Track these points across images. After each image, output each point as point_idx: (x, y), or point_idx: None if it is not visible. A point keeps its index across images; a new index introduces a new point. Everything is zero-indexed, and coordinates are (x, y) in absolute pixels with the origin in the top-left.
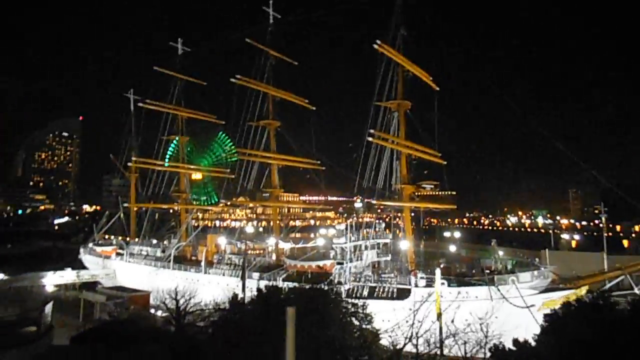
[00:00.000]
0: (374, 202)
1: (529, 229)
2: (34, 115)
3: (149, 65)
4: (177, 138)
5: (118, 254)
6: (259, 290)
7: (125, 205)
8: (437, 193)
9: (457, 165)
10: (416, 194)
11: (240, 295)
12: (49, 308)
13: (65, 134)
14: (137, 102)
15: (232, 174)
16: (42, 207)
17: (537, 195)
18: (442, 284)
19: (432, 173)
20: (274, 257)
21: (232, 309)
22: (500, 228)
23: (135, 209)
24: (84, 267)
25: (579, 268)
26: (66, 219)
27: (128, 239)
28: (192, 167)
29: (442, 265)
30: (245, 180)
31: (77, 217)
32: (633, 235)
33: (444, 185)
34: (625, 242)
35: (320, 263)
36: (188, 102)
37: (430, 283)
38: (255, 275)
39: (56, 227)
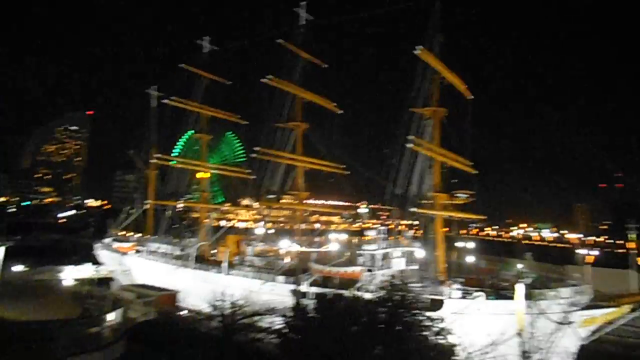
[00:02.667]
0: (413, 209)
1: (536, 242)
2: (46, 109)
3: (171, 62)
4: (187, 134)
5: (137, 251)
6: (319, 296)
7: (148, 202)
8: (467, 202)
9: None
10: (449, 202)
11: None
12: (118, 313)
13: (74, 127)
14: (160, 99)
15: (251, 174)
16: (47, 200)
17: (540, 208)
18: (479, 296)
19: (461, 182)
20: (287, 260)
21: (298, 318)
22: (508, 240)
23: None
24: (98, 263)
25: (608, 285)
26: (71, 212)
27: (146, 236)
28: (216, 166)
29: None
30: (269, 181)
31: (83, 211)
32: None
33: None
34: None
35: (349, 269)
36: (211, 101)
37: (465, 295)
38: (280, 279)
39: (60, 221)
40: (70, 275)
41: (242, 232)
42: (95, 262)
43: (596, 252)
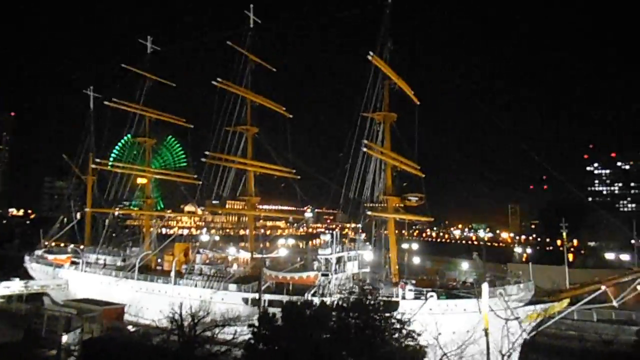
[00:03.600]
0: (369, 213)
1: (475, 242)
2: None
3: (111, 62)
4: (124, 138)
5: (73, 263)
6: (287, 305)
7: (87, 209)
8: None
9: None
10: (399, 205)
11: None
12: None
13: None
14: (98, 100)
15: (199, 180)
16: None
17: (475, 209)
18: (431, 296)
19: (410, 185)
20: (234, 267)
21: (263, 327)
22: (447, 240)
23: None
24: (29, 277)
25: (543, 281)
26: None
27: (81, 247)
28: (161, 171)
29: (422, 278)
30: (220, 186)
31: (3, 222)
32: (572, 249)
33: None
34: (571, 256)
35: (304, 275)
36: (155, 103)
37: (419, 296)
38: (233, 287)
39: None
40: None
41: (187, 240)
42: (25, 277)
43: (529, 250)
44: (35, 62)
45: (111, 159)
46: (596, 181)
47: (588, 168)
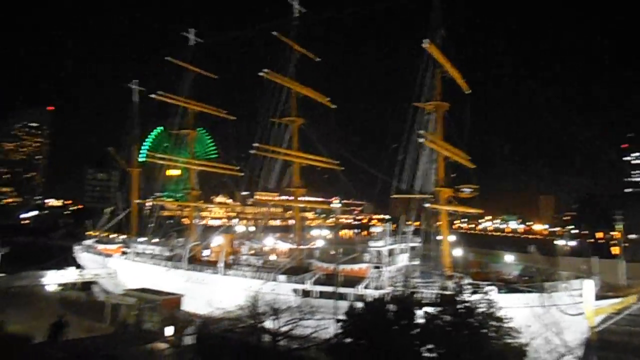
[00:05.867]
0: (426, 205)
1: (509, 234)
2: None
3: (151, 56)
4: (156, 131)
5: (123, 253)
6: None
7: (139, 201)
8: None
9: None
10: (452, 196)
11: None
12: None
13: (34, 124)
14: (142, 93)
15: (241, 171)
16: (6, 201)
17: (505, 200)
18: (492, 290)
19: (459, 176)
20: (272, 257)
21: (352, 322)
22: (479, 232)
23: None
24: (79, 266)
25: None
26: (34, 213)
27: (129, 237)
28: (208, 163)
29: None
30: (265, 178)
31: (45, 212)
32: (613, 242)
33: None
34: (616, 249)
35: (356, 267)
36: (198, 95)
37: (476, 290)
38: (282, 278)
39: (23, 222)
40: (53, 280)
41: (223, 231)
42: (75, 265)
43: (573, 243)
44: (77, 56)
45: (143, 151)
46: (636, 171)
47: (626, 158)
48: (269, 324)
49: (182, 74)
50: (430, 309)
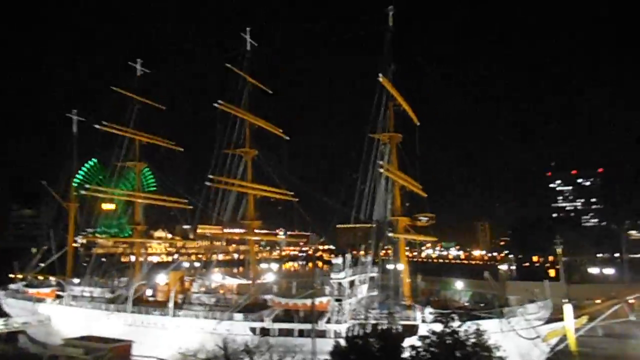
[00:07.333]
0: (390, 234)
1: (449, 261)
2: None
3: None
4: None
5: (58, 297)
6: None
7: (79, 238)
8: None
9: None
10: (409, 225)
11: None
12: None
13: None
14: (83, 123)
15: (189, 205)
16: None
17: (442, 227)
18: (452, 318)
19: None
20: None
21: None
22: (423, 260)
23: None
24: (4, 314)
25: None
26: None
27: (64, 279)
28: (155, 196)
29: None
30: (218, 210)
31: None
32: (547, 265)
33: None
34: (552, 272)
35: (316, 300)
36: (145, 126)
37: (439, 318)
38: (238, 316)
39: None
40: None
41: (163, 267)
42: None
43: (513, 267)
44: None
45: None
46: (559, 197)
47: (551, 185)
48: None
49: (128, 105)
50: (417, 342)
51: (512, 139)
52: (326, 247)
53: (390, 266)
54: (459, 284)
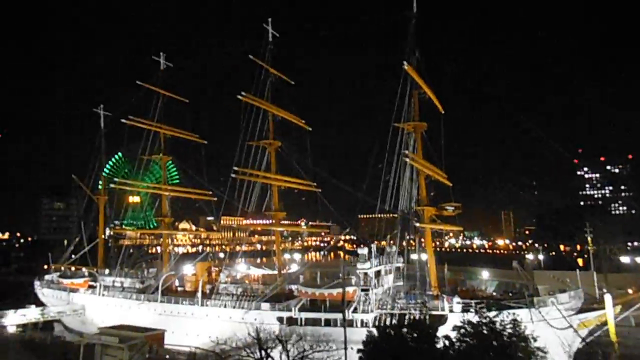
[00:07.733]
0: (417, 224)
1: (473, 250)
2: None
3: (121, 80)
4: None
5: (90, 287)
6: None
7: (110, 230)
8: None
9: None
10: (434, 215)
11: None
12: None
13: None
14: (108, 118)
15: (214, 196)
16: None
17: (466, 217)
18: (482, 308)
19: (438, 194)
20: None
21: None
22: (447, 249)
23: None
24: (40, 303)
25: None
26: None
27: (96, 270)
28: (182, 189)
29: (462, 289)
30: (243, 201)
31: None
32: (574, 254)
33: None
34: (580, 261)
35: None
36: (168, 120)
37: (467, 308)
38: (265, 306)
39: None
40: (13, 320)
41: (189, 258)
42: (35, 303)
43: (541, 256)
44: (34, 79)
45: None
46: (587, 185)
47: (578, 172)
48: (276, 356)
49: (153, 99)
50: (452, 333)
51: (539, 125)
52: (348, 237)
53: (414, 256)
54: (485, 274)
